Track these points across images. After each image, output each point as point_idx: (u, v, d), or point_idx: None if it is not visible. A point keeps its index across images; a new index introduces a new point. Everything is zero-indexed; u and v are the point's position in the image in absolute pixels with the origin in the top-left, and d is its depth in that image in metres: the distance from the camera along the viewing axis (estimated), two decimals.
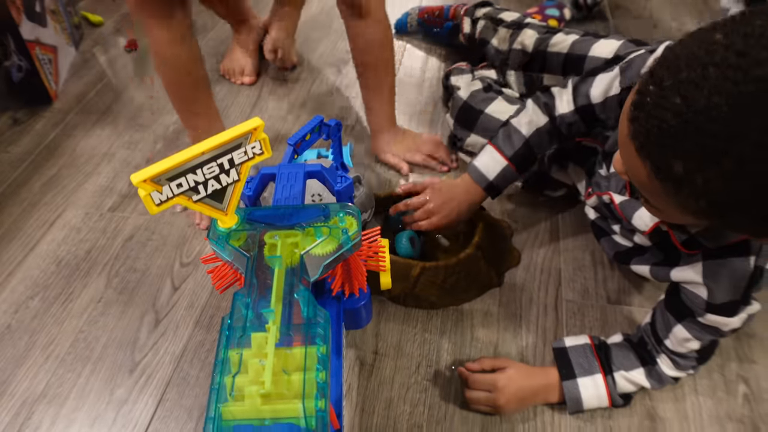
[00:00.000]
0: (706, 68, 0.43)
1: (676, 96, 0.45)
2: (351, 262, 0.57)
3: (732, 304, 0.67)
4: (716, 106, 0.43)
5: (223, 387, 0.41)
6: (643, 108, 0.48)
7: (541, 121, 0.87)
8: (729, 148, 0.43)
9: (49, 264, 0.99)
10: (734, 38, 0.43)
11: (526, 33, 1.16)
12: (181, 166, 0.45)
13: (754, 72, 0.41)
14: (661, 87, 0.46)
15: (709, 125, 0.43)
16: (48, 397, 0.81)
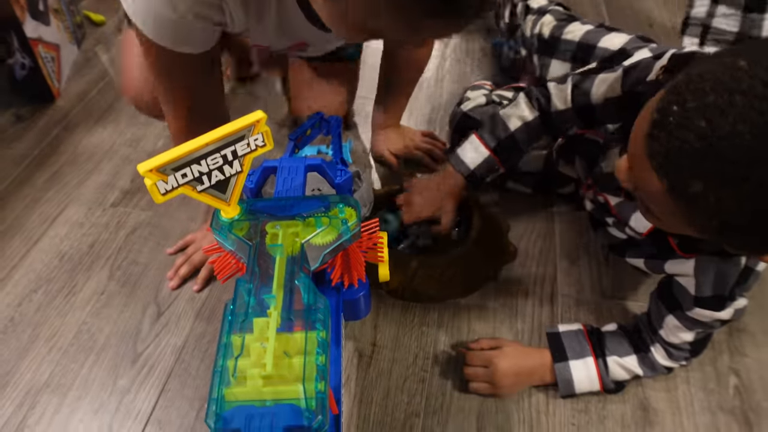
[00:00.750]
0: (733, 95, 0.45)
1: (701, 119, 0.46)
2: (350, 253, 0.59)
3: (718, 298, 0.69)
4: (740, 133, 0.44)
5: (226, 369, 0.42)
6: (665, 127, 0.49)
7: (530, 116, 0.88)
8: (749, 174, 0.45)
9: (52, 258, 1.00)
10: (758, 69, 0.45)
11: (546, 19, 1.19)
12: (186, 156, 0.47)
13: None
14: (685, 108, 0.47)
15: (732, 151, 0.45)
16: (52, 386, 0.83)
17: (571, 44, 1.12)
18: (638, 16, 1.67)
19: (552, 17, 1.19)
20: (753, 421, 0.80)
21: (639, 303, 0.93)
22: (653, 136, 0.50)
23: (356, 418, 0.78)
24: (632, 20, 1.65)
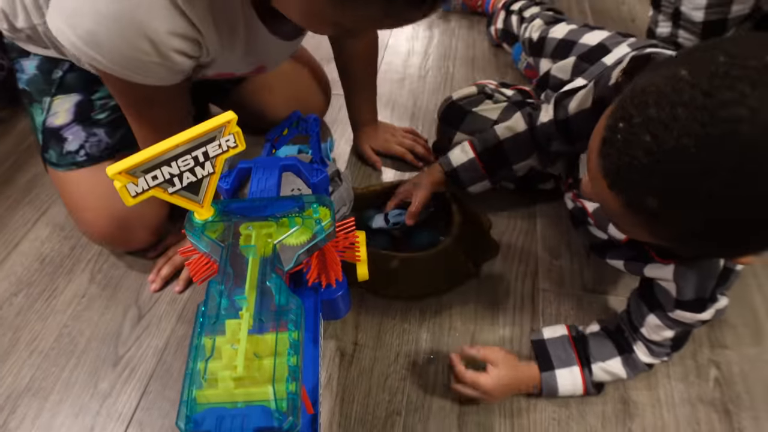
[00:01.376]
0: (675, 108, 0.45)
1: (646, 134, 0.46)
2: (326, 253, 0.59)
3: (699, 301, 0.69)
4: (685, 147, 0.44)
5: (197, 372, 0.43)
6: (614, 145, 0.49)
7: (519, 127, 0.89)
8: (699, 186, 0.45)
9: (33, 261, 1.00)
10: (699, 78, 0.44)
11: (536, 23, 1.23)
12: (156, 158, 0.47)
13: (719, 113, 0.43)
14: (631, 124, 0.47)
15: (679, 164, 0.45)
16: (32, 390, 0.82)
17: (555, 41, 1.13)
18: (620, 12, 1.68)
19: (541, 21, 1.23)
20: (732, 412, 0.80)
21: (620, 297, 0.93)
22: (604, 154, 0.50)
23: (338, 417, 0.78)
24: (616, 15, 1.66)
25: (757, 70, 0.43)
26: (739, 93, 0.42)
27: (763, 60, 0.43)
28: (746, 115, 0.42)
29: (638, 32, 1.57)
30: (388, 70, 1.43)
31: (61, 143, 0.90)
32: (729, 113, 0.42)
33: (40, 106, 0.92)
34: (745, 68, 0.43)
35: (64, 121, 0.90)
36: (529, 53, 1.27)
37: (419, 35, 1.56)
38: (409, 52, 1.50)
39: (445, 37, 1.56)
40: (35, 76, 0.92)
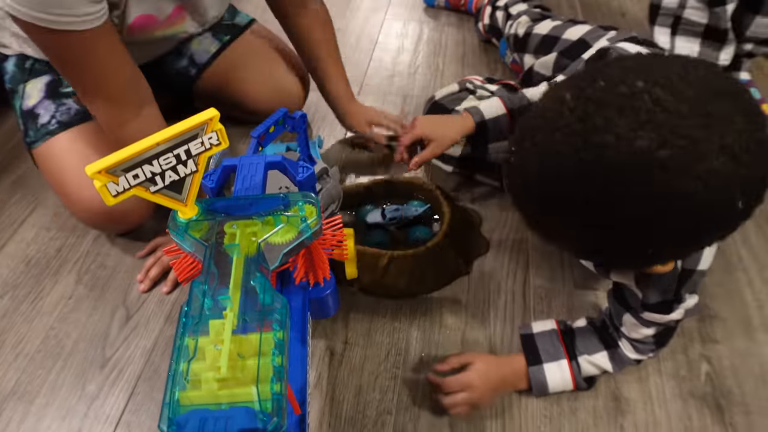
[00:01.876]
0: (554, 133, 0.47)
1: (533, 159, 0.49)
2: (313, 251, 0.58)
3: (665, 303, 0.69)
4: (564, 170, 0.46)
5: (180, 373, 0.42)
6: (510, 167, 0.52)
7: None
8: (579, 211, 0.47)
9: (19, 263, 0.98)
10: (578, 102, 0.46)
11: (522, 19, 1.24)
12: (137, 156, 0.46)
13: (592, 139, 0.45)
14: (522, 147, 0.50)
15: (559, 188, 0.47)
16: (18, 394, 0.81)
17: (539, 37, 1.13)
18: (610, 6, 1.68)
19: (527, 17, 1.23)
20: (724, 407, 0.80)
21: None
22: (506, 174, 0.53)
23: (328, 416, 0.78)
24: (606, 9, 1.66)
25: (625, 96, 0.45)
26: (607, 119, 0.44)
27: (632, 86, 0.45)
28: (612, 142, 0.44)
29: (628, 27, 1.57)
30: (378, 67, 1.43)
31: (35, 120, 0.94)
32: (598, 140, 0.44)
33: (17, 94, 0.97)
34: (616, 94, 0.45)
35: (36, 101, 0.95)
36: (513, 49, 1.27)
37: (409, 32, 1.56)
38: (399, 49, 1.49)
39: (435, 33, 1.55)
40: (13, 72, 0.98)
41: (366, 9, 1.65)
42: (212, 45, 1.14)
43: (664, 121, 0.43)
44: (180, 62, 1.14)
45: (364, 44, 1.51)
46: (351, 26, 1.58)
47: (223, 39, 1.15)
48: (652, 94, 0.44)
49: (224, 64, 1.15)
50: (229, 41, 1.15)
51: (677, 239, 0.49)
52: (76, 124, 0.94)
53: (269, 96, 1.15)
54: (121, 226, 0.98)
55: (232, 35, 1.15)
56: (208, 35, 1.14)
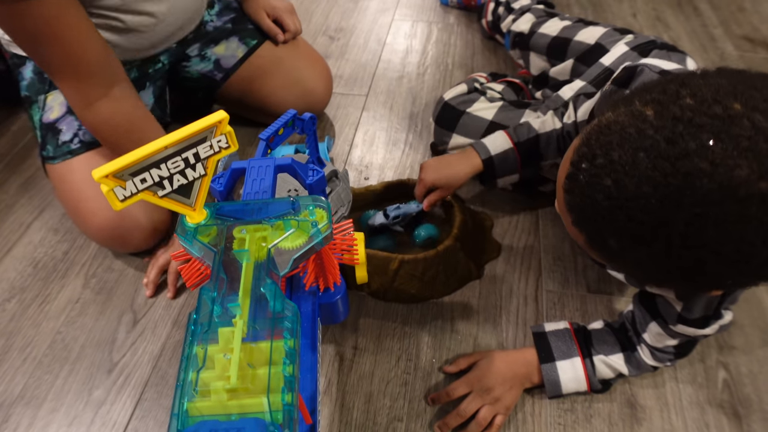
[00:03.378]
0: (637, 153, 0.44)
1: (608, 178, 0.45)
2: (323, 256, 0.57)
3: (703, 318, 0.67)
4: (645, 195, 0.43)
5: (188, 383, 0.41)
6: (577, 183, 0.48)
7: (555, 125, 0.89)
8: (657, 235, 0.44)
9: (26, 266, 0.98)
10: (665, 120, 0.43)
11: (525, 17, 1.21)
12: (144, 160, 0.45)
13: (682, 165, 0.42)
14: (594, 164, 0.47)
15: (638, 212, 0.44)
16: (25, 399, 0.80)
17: (548, 38, 1.11)
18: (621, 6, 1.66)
19: (532, 15, 1.21)
20: (742, 414, 0.79)
21: (625, 298, 0.91)
22: (568, 189, 0.50)
23: (338, 424, 0.77)
24: (616, 9, 1.64)
25: (722, 120, 0.42)
26: (701, 144, 0.41)
27: (728, 108, 0.42)
28: (707, 169, 0.41)
29: (639, 27, 1.55)
30: (386, 68, 1.42)
31: (56, 136, 0.92)
32: (690, 166, 0.41)
33: (37, 105, 0.95)
34: (710, 116, 0.42)
35: (58, 114, 0.93)
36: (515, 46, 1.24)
37: (417, 33, 1.55)
38: (408, 50, 1.48)
39: (443, 34, 1.54)
40: (32, 79, 0.95)
41: (374, 10, 1.64)
42: (239, 49, 1.13)
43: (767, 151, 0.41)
44: (205, 65, 1.13)
45: (373, 45, 1.50)
46: (359, 27, 1.57)
47: (249, 43, 1.13)
48: (754, 120, 0.41)
49: (251, 69, 1.14)
50: (256, 45, 1.14)
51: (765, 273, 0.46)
52: (99, 145, 0.92)
53: (295, 100, 1.15)
54: (130, 248, 0.96)
55: (258, 40, 1.14)
56: (234, 39, 1.13)
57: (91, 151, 0.92)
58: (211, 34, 1.11)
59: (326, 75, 1.20)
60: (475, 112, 1.04)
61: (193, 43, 1.10)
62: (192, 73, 1.13)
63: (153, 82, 1.04)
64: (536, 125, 0.89)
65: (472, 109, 1.04)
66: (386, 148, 1.19)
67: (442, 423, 0.76)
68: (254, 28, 1.15)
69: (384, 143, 1.20)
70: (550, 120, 0.89)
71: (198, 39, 1.10)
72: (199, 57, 1.12)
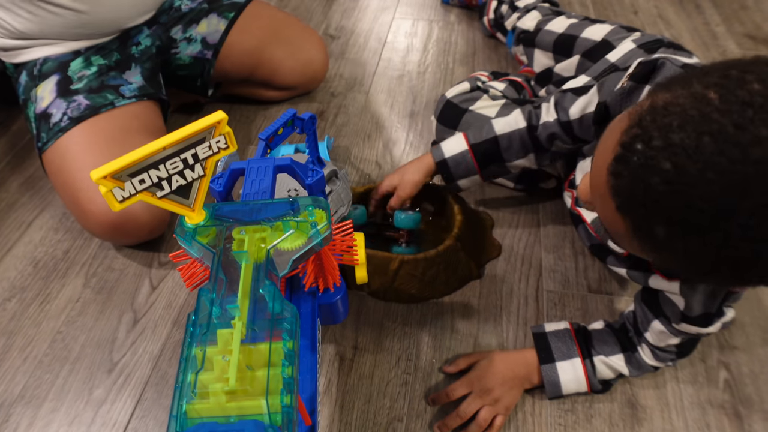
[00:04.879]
0: (701, 137, 0.41)
1: (667, 161, 0.42)
2: (323, 256, 0.57)
3: (706, 316, 0.67)
4: (708, 181, 0.41)
5: (187, 384, 0.41)
6: (628, 165, 0.45)
7: (518, 124, 0.85)
8: (716, 225, 0.42)
9: (26, 265, 0.98)
10: (731, 105, 0.41)
11: (530, 15, 1.20)
12: (143, 161, 0.45)
13: (753, 152, 0.40)
14: (650, 146, 0.44)
15: (698, 200, 0.42)
16: (26, 398, 0.80)
17: (554, 35, 1.11)
18: (623, 3, 1.65)
19: (538, 12, 1.20)
20: (743, 415, 0.78)
21: (626, 298, 0.91)
22: (616, 172, 0.47)
23: (337, 424, 0.76)
24: (618, 7, 1.63)
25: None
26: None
27: None
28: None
29: (640, 24, 1.55)
30: (387, 66, 1.41)
31: (48, 120, 0.94)
32: (762, 153, 0.39)
33: (30, 101, 0.97)
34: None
35: (48, 101, 0.95)
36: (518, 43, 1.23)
37: (418, 31, 1.54)
38: (408, 48, 1.48)
39: (444, 32, 1.53)
40: (26, 81, 0.99)
41: (375, 8, 1.64)
42: (220, 23, 1.15)
43: None
44: (193, 48, 1.14)
45: (373, 44, 1.49)
46: (360, 26, 1.57)
47: (228, 16, 1.15)
48: None
49: (242, 40, 1.17)
50: (235, 17, 1.16)
51: None
52: (87, 117, 0.93)
53: (299, 71, 1.22)
54: (132, 239, 0.96)
55: (236, 11, 1.16)
56: (213, 15, 1.15)
57: (80, 125, 0.93)
58: (188, 15, 1.13)
59: (321, 43, 1.26)
60: (478, 110, 1.03)
61: (173, 25, 1.12)
62: (183, 59, 1.14)
63: (140, 63, 1.06)
64: (498, 126, 0.86)
65: (475, 107, 1.04)
66: (386, 146, 1.19)
67: (442, 423, 0.76)
68: (229, 3, 1.16)
69: (384, 142, 1.20)
70: (513, 120, 0.86)
71: (177, 21, 1.12)
72: (185, 40, 1.13)
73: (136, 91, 1.01)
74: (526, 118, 0.85)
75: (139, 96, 1.01)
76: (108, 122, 0.94)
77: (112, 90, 0.99)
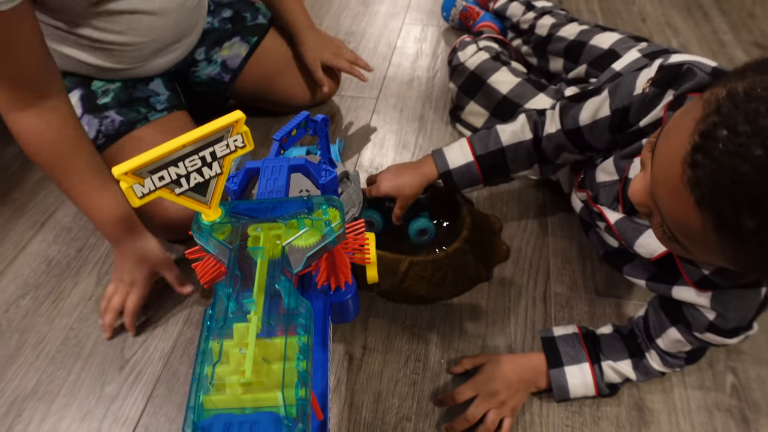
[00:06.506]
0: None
1: (758, 147, 0.40)
2: (335, 255, 0.58)
3: (736, 329, 0.66)
4: None
5: (204, 377, 0.41)
6: (711, 154, 0.42)
7: (525, 136, 0.85)
8: None
9: (40, 263, 0.99)
10: None
11: (545, 19, 1.21)
12: (163, 158, 0.46)
13: None
14: (736, 133, 0.41)
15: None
16: (38, 394, 0.82)
17: (565, 41, 1.12)
18: (630, 11, 1.66)
19: (552, 18, 1.21)
20: (750, 419, 0.79)
21: (634, 302, 0.91)
22: (695, 163, 0.43)
23: (346, 422, 0.77)
24: (626, 15, 1.64)
25: None
26: None
27: None
28: None
29: (648, 32, 1.55)
30: (396, 72, 1.42)
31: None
32: None
33: None
34: None
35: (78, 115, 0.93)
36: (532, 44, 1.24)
37: (427, 37, 1.55)
38: (418, 53, 1.49)
39: (453, 37, 1.54)
40: None
41: (384, 14, 1.65)
42: (242, 48, 1.15)
43: None
44: (212, 69, 1.15)
45: (383, 49, 1.51)
46: (370, 31, 1.58)
47: (251, 41, 1.16)
48: None
49: (266, 68, 1.18)
50: (257, 42, 1.17)
51: None
52: (123, 135, 0.95)
53: (309, 97, 1.24)
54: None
55: (258, 36, 1.17)
56: (237, 39, 1.15)
57: (116, 143, 0.94)
58: (212, 35, 1.13)
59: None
60: (495, 83, 1.08)
61: (198, 47, 1.13)
62: (201, 77, 1.15)
63: (159, 76, 1.06)
64: (504, 137, 0.85)
65: (493, 79, 1.09)
66: (396, 150, 1.20)
67: (450, 426, 0.76)
68: (253, 25, 1.17)
69: (394, 146, 1.21)
70: (520, 130, 0.85)
71: (201, 42, 1.13)
72: (206, 61, 1.14)
73: (166, 103, 1.02)
74: (532, 128, 0.84)
75: (170, 108, 1.02)
76: (145, 136, 0.96)
77: (142, 103, 0.99)
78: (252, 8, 1.19)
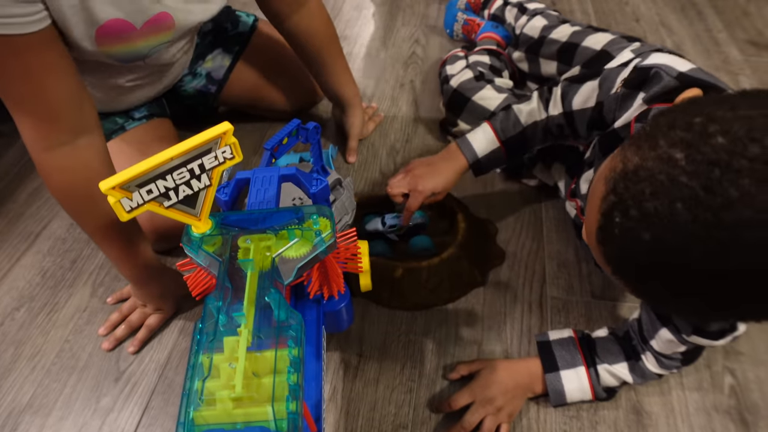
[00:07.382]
0: (674, 204, 0.41)
1: (646, 232, 0.42)
2: (327, 264, 0.58)
3: (721, 332, 0.67)
4: (690, 250, 0.41)
5: (194, 392, 0.41)
6: (611, 236, 0.46)
7: (541, 115, 0.87)
8: (706, 288, 0.43)
9: (35, 275, 0.99)
10: (697, 165, 0.40)
11: (537, 20, 1.21)
12: (150, 172, 0.45)
13: (725, 216, 0.39)
14: (628, 217, 0.43)
15: (684, 267, 0.42)
16: (34, 407, 0.81)
17: (557, 43, 1.12)
18: (624, 12, 1.66)
19: (544, 19, 1.20)
20: (749, 421, 0.78)
21: (629, 304, 0.91)
22: (602, 240, 0.47)
23: (343, 431, 0.77)
24: (620, 15, 1.64)
25: (762, 161, 0.38)
26: (744, 191, 0.38)
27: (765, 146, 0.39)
28: (753, 216, 0.38)
29: (642, 32, 1.55)
30: (390, 76, 1.42)
31: None
32: (734, 216, 0.39)
33: None
34: (748, 158, 0.39)
35: None
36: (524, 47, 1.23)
37: (421, 40, 1.55)
38: (411, 57, 1.49)
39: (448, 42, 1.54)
40: None
41: (377, 17, 1.65)
42: (225, 59, 1.15)
43: None
44: (198, 82, 1.15)
45: (376, 53, 1.50)
46: (363, 35, 1.58)
47: (233, 50, 1.16)
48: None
49: (244, 74, 1.18)
50: (239, 51, 1.17)
51: None
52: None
53: (298, 101, 1.25)
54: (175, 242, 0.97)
55: (240, 45, 1.17)
56: (219, 51, 1.15)
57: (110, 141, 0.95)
58: (195, 51, 1.12)
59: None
60: (479, 100, 1.09)
61: None
62: (188, 90, 1.15)
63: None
64: (523, 118, 0.88)
65: (477, 97, 1.09)
66: (390, 155, 1.19)
67: None
68: (235, 34, 1.17)
69: (387, 150, 1.21)
70: (536, 109, 0.87)
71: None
72: (191, 75, 1.15)
73: (145, 111, 1.02)
74: (545, 107, 0.87)
75: (149, 116, 1.02)
76: (121, 145, 0.95)
77: (121, 114, 0.99)
78: (232, 17, 1.18)
